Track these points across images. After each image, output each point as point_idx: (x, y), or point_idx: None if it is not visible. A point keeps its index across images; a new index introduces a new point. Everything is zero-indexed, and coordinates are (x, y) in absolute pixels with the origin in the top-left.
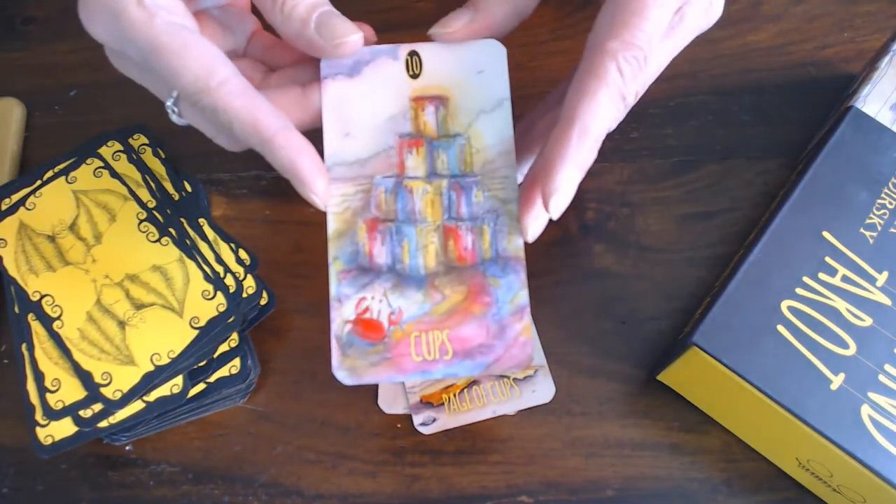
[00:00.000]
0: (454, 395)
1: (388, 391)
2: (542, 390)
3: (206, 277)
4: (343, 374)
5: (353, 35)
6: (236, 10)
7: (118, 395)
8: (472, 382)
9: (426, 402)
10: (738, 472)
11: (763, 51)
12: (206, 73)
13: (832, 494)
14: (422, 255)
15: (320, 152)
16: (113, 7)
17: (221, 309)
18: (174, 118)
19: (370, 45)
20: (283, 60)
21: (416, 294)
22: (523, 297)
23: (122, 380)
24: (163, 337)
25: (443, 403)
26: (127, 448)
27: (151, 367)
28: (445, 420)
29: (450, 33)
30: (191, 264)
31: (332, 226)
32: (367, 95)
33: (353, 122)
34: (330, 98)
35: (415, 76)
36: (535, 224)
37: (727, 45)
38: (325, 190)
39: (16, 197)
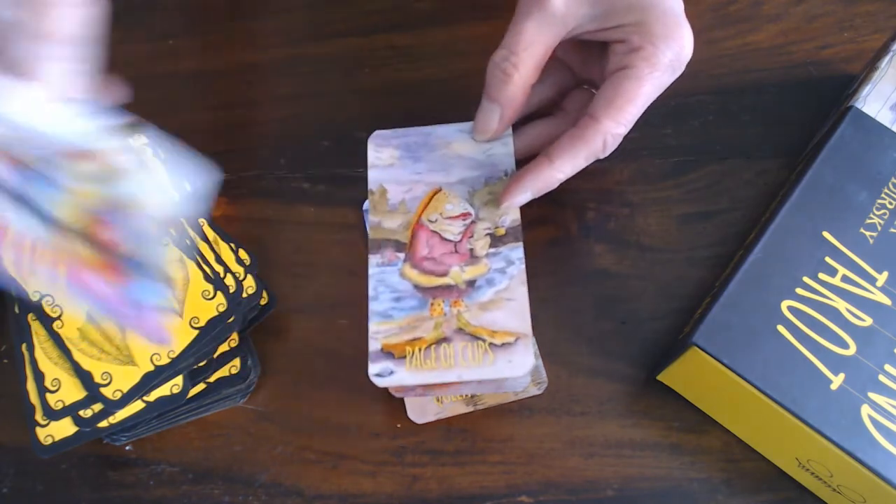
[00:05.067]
0: (419, 350)
1: (416, 403)
2: (518, 361)
3: (206, 277)
4: None
5: None
6: None
7: (118, 395)
8: (442, 340)
9: (387, 352)
10: (738, 472)
11: (763, 51)
12: None
13: (832, 494)
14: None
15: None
16: None
17: (221, 309)
18: None
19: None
20: None
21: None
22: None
23: (122, 380)
24: None
25: (404, 356)
26: (127, 448)
27: (151, 367)
28: (403, 375)
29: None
30: (191, 264)
31: None
32: None
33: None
34: None
35: None
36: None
37: (727, 45)
38: None
39: None
